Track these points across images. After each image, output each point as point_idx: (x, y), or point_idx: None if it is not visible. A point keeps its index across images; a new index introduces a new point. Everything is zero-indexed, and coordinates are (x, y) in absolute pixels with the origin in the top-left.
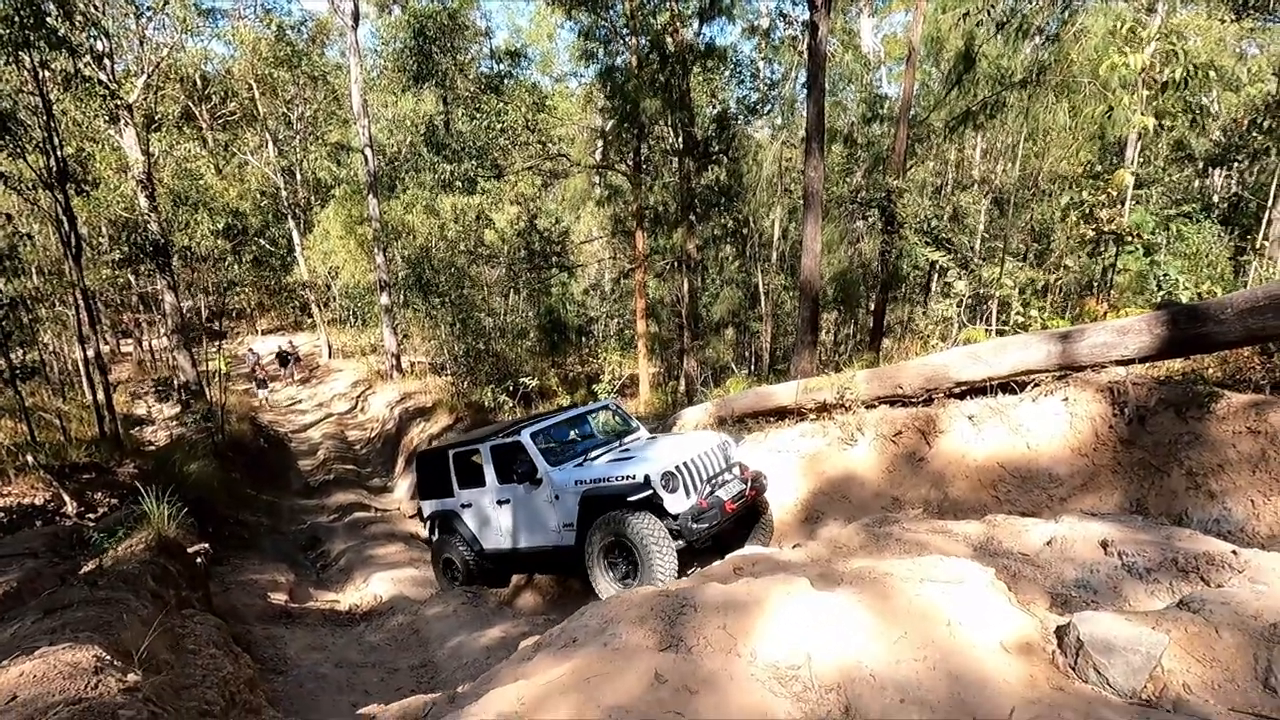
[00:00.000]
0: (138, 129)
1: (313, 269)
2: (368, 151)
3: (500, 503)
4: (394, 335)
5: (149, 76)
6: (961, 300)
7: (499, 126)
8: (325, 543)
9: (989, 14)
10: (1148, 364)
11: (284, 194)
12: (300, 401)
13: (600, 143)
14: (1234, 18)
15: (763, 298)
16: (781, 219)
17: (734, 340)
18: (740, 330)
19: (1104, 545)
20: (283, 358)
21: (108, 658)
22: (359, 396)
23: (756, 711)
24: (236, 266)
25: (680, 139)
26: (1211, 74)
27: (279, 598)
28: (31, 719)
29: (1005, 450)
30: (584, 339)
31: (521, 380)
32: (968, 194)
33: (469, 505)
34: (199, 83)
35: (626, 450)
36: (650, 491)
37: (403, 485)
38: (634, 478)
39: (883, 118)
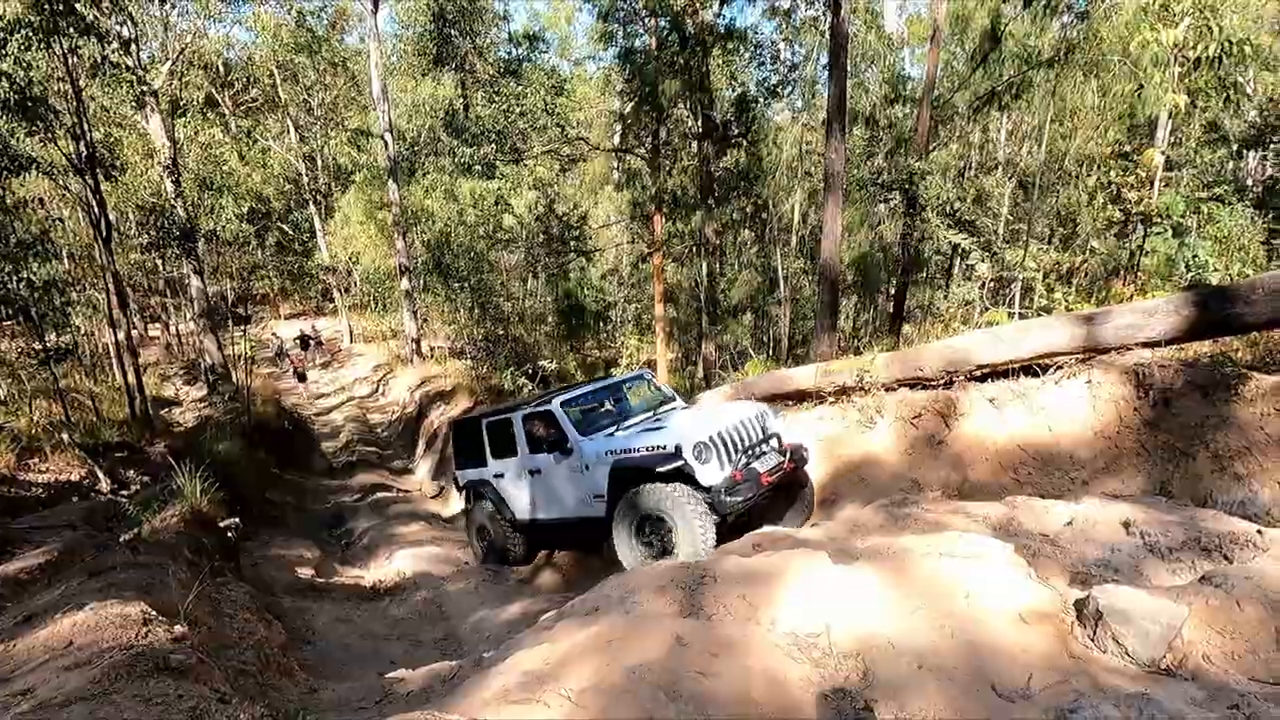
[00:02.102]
0: (163, 115)
1: (334, 254)
2: (388, 136)
3: (532, 472)
4: (414, 320)
5: (173, 63)
6: (984, 283)
7: (517, 110)
8: (349, 521)
9: None
10: (1174, 346)
11: (305, 180)
12: (323, 385)
13: (619, 126)
14: None
15: (781, 282)
16: (801, 203)
17: (752, 325)
18: (759, 315)
19: (1126, 526)
20: (304, 341)
21: (154, 613)
22: (380, 380)
23: (777, 674)
24: (260, 251)
25: (699, 122)
26: (1247, 50)
27: (306, 572)
28: (89, 661)
29: (1026, 433)
30: (602, 323)
31: (540, 364)
32: (991, 176)
33: (501, 475)
34: (222, 69)
35: (659, 420)
36: (681, 462)
37: (424, 467)
38: (664, 448)
39: (905, 99)
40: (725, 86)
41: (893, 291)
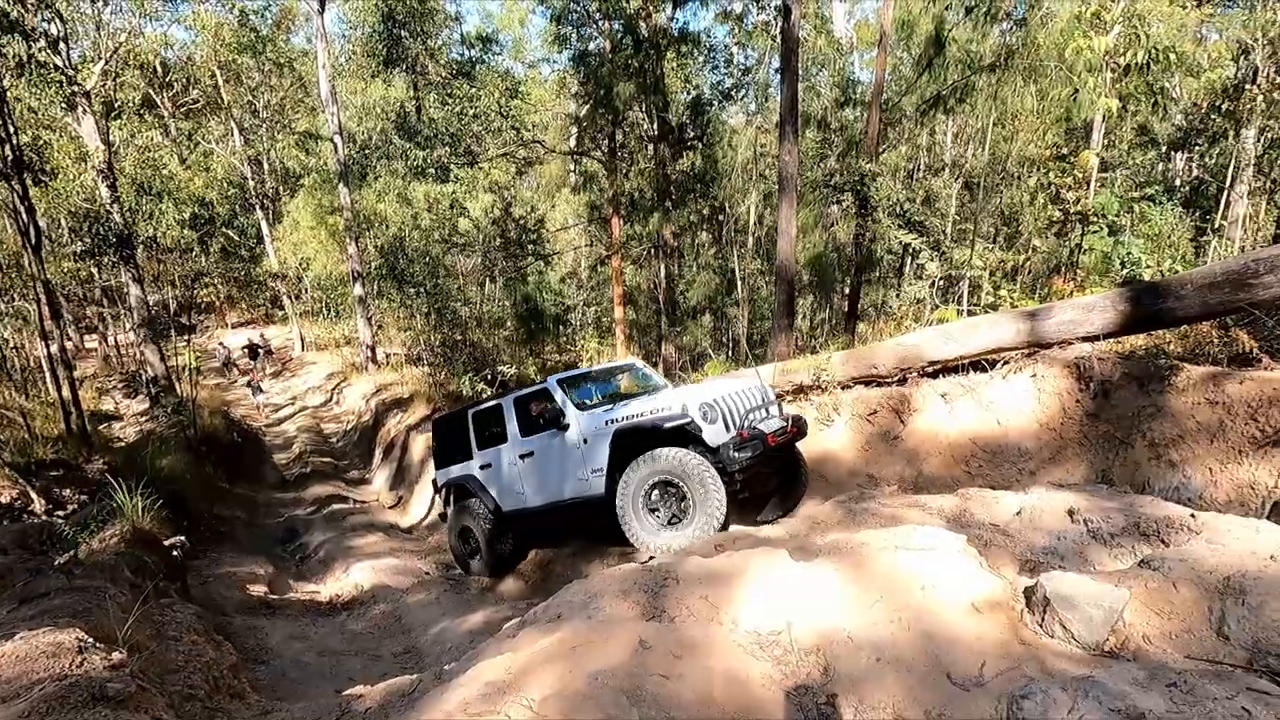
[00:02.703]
0: (97, 117)
1: (283, 260)
2: (337, 139)
3: (524, 456)
4: (368, 326)
5: (107, 62)
6: (934, 282)
7: (471, 113)
8: (304, 535)
9: None
10: (1112, 340)
11: (251, 184)
12: (274, 394)
13: (575, 129)
14: (1195, 3)
15: (739, 283)
16: (757, 204)
17: (711, 326)
18: (717, 315)
19: (1070, 514)
20: (253, 350)
21: (90, 640)
22: (334, 389)
23: (739, 673)
24: (204, 258)
25: (655, 125)
26: (1172, 58)
27: (258, 589)
28: (17, 694)
29: (977, 426)
30: (562, 327)
31: (499, 369)
32: (939, 178)
33: (488, 466)
34: (160, 69)
35: (657, 394)
36: (688, 420)
37: (381, 476)
38: (670, 409)
39: (855, 102)
40: (680, 89)
41: (847, 291)
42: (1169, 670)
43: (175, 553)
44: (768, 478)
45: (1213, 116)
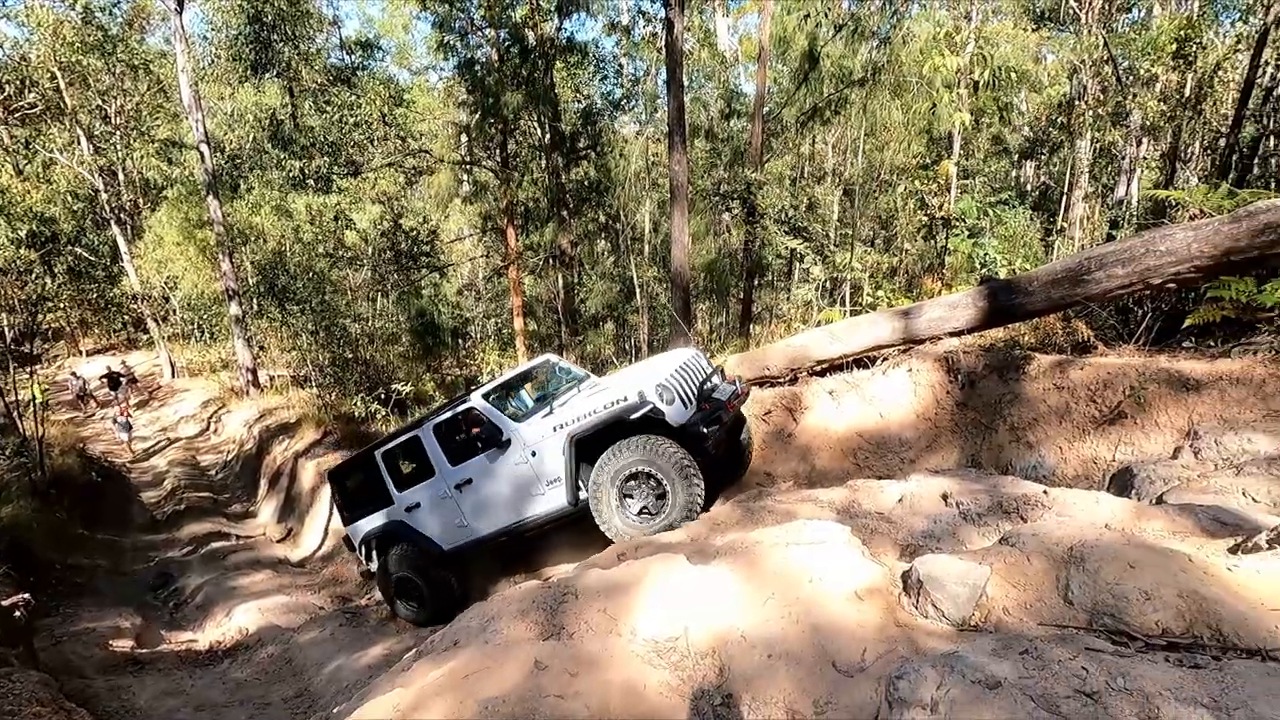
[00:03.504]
0: None
1: (145, 279)
2: (204, 148)
3: (460, 486)
4: (248, 348)
5: None
6: (819, 284)
7: (352, 121)
8: (178, 579)
9: (826, 16)
10: (975, 334)
11: (104, 196)
12: (141, 426)
13: (464, 138)
14: (1034, 27)
15: (637, 290)
16: (652, 213)
17: (613, 334)
18: (619, 323)
19: (945, 497)
20: (113, 380)
21: None
22: (211, 417)
23: (636, 684)
24: (49, 279)
25: (547, 134)
26: (1014, 76)
27: (124, 644)
28: None
29: (862, 420)
30: (460, 340)
31: (394, 387)
32: (821, 185)
33: (416, 506)
34: None
35: (594, 388)
36: (649, 406)
37: (267, 509)
38: (625, 399)
39: (740, 113)
40: (571, 99)
41: (741, 295)
42: (1023, 639)
43: (18, 613)
44: (727, 442)
45: (1051, 129)
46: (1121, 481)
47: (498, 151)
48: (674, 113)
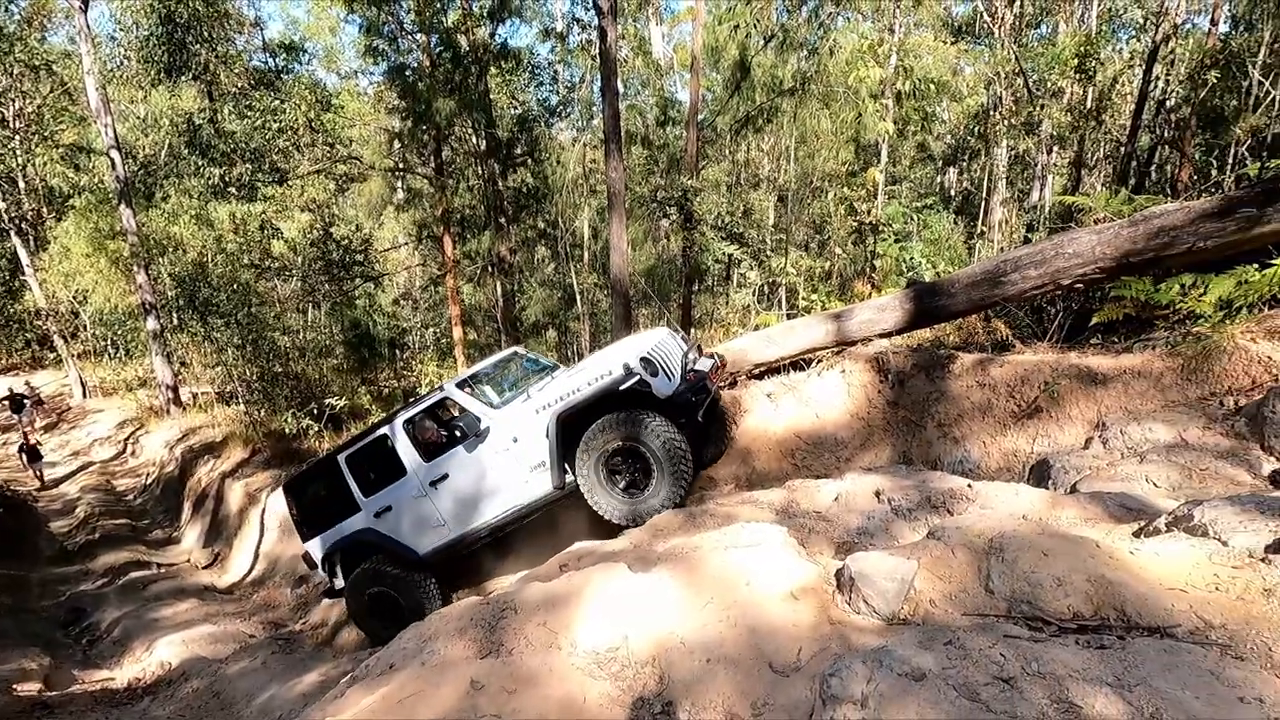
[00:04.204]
0: None
1: (51, 294)
2: (115, 154)
3: (436, 483)
4: (168, 364)
5: None
6: (756, 289)
7: (276, 126)
8: (93, 613)
9: (756, 27)
10: (904, 335)
11: (2, 205)
12: (49, 452)
13: (397, 144)
14: (953, 40)
15: (578, 297)
16: (591, 219)
17: (555, 341)
18: (560, 331)
19: (878, 494)
20: (15, 402)
21: None
22: (128, 439)
23: (576, 697)
24: None
25: (483, 141)
26: (934, 87)
27: (30, 688)
28: None
29: (799, 422)
30: (397, 351)
31: (328, 402)
32: (756, 192)
33: (387, 510)
34: None
35: (572, 370)
36: (637, 378)
37: (192, 533)
38: (611, 373)
39: (676, 121)
40: (507, 106)
41: (681, 300)
42: (947, 630)
43: None
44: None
45: (970, 137)
46: (1039, 472)
47: (432, 158)
48: (610, 120)
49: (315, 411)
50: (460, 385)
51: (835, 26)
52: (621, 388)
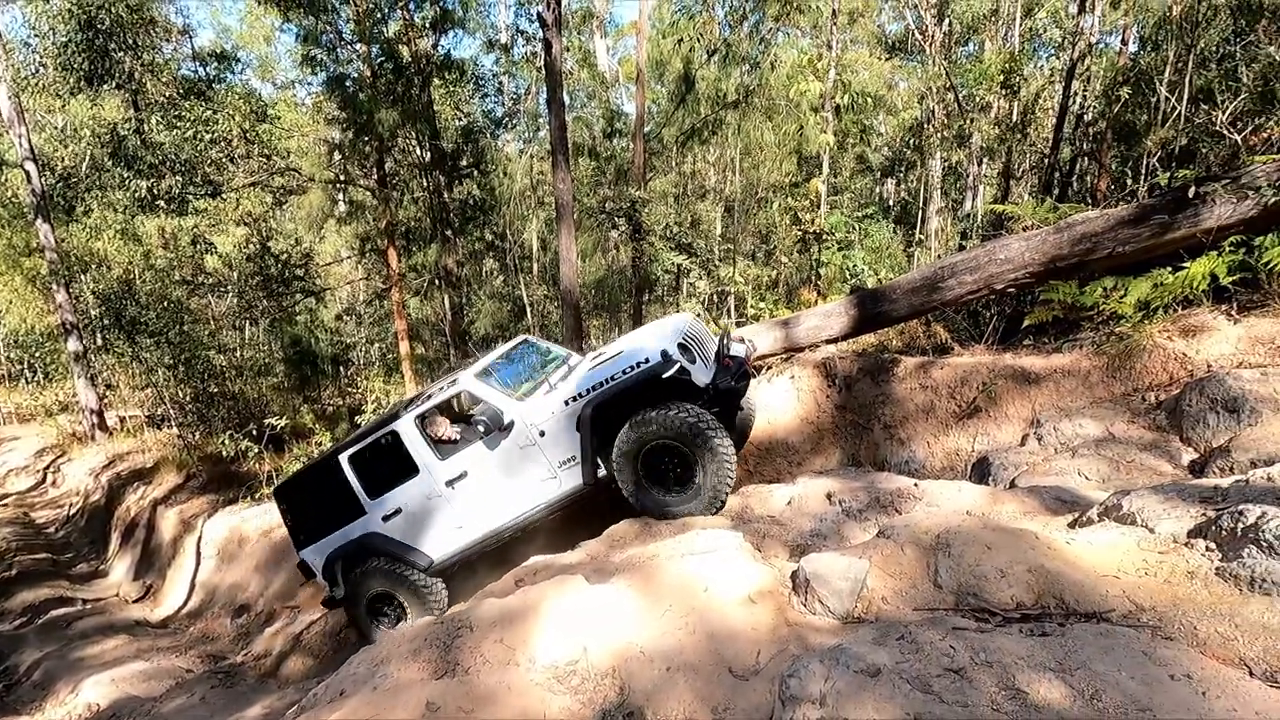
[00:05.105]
0: None
1: None
2: (30, 166)
3: (452, 482)
4: (92, 387)
5: None
6: (705, 298)
7: (209, 137)
8: (10, 656)
9: (700, 41)
10: (850, 340)
11: None
12: None
13: (338, 156)
14: (887, 57)
15: (528, 309)
16: (540, 231)
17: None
18: None
19: (829, 497)
20: None
21: None
22: (47, 468)
23: (536, 714)
24: None
25: (427, 152)
26: (871, 101)
27: None
28: None
29: (752, 428)
30: (342, 368)
31: (268, 422)
32: (704, 202)
33: (396, 513)
34: None
35: (597, 358)
36: (677, 365)
37: (121, 566)
38: (647, 361)
39: (622, 133)
40: (452, 117)
41: (632, 311)
42: (899, 625)
43: None
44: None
45: (906, 149)
46: (980, 469)
47: (375, 170)
48: (556, 132)
49: (254, 432)
50: (478, 377)
51: (776, 42)
52: (664, 375)
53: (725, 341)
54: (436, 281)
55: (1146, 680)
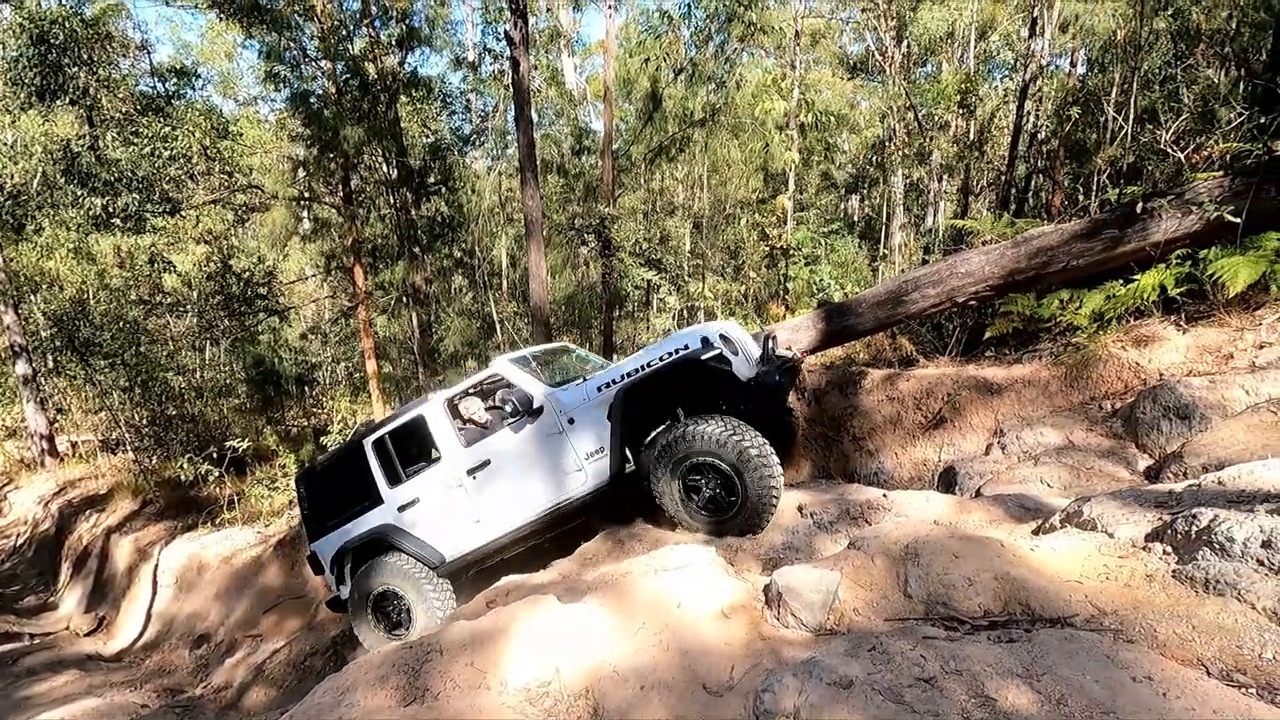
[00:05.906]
0: None
1: None
2: None
3: (474, 471)
4: (42, 412)
5: None
6: (675, 313)
7: (168, 153)
8: None
9: (666, 60)
10: (818, 353)
11: None
12: None
13: (302, 173)
14: (849, 76)
15: (498, 326)
16: (509, 248)
17: (474, 372)
18: (480, 361)
19: (800, 509)
20: None
21: None
22: None
23: None
24: None
25: (394, 169)
26: (834, 119)
27: None
28: None
29: None
30: (306, 388)
31: (229, 444)
32: (672, 219)
33: (414, 503)
34: None
35: (635, 355)
36: (717, 351)
37: (72, 598)
38: (687, 347)
39: (591, 150)
40: (419, 134)
41: (602, 327)
42: (870, 636)
43: None
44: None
45: (869, 166)
46: (947, 479)
47: (340, 187)
48: (525, 149)
49: (215, 455)
50: (513, 362)
51: (741, 62)
52: (705, 357)
53: (771, 344)
54: (404, 299)
55: (1109, 683)
